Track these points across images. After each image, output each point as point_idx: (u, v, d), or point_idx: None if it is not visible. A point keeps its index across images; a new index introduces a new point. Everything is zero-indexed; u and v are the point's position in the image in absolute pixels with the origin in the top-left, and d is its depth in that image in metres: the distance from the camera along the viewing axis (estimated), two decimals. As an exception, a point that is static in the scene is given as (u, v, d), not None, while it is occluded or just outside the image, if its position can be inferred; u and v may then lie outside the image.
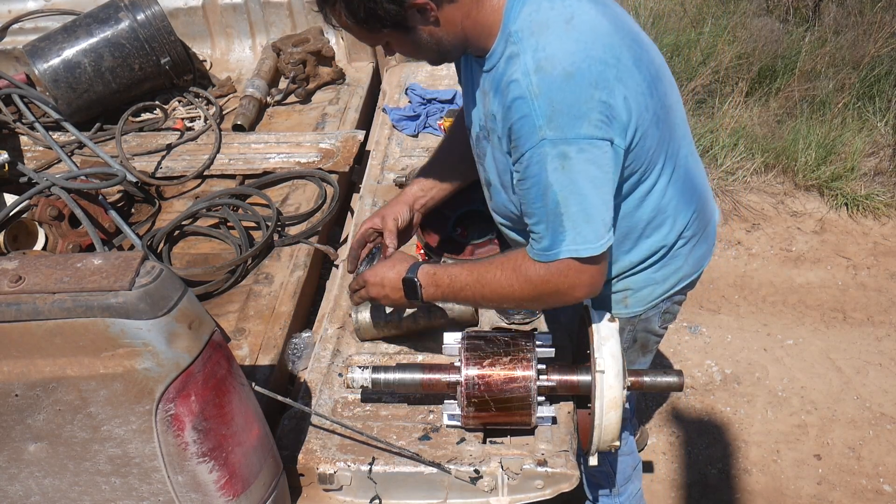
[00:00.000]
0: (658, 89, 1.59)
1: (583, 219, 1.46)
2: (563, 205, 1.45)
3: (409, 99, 2.85)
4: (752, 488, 2.96)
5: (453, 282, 1.64)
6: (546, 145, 1.42)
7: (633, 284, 1.83)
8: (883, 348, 3.48)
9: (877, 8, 5.19)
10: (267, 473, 1.52)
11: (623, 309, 1.87)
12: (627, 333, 1.92)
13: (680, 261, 1.84)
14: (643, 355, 2.05)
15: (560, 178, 1.44)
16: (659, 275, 1.83)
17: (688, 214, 1.78)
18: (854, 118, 4.61)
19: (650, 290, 1.85)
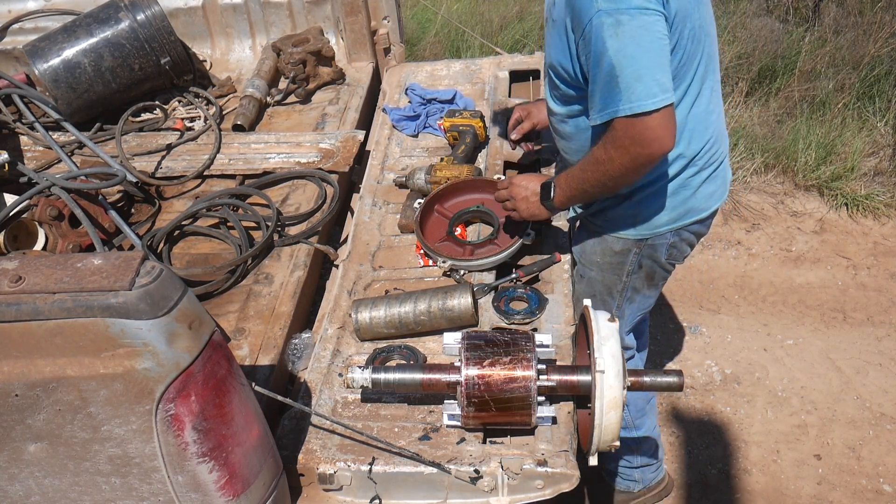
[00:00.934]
0: (701, 10, 1.81)
1: (634, 79, 1.64)
2: (618, 67, 1.64)
3: (408, 99, 2.85)
4: (752, 488, 2.96)
5: (568, 176, 1.88)
6: (602, 15, 1.64)
7: (644, 206, 1.98)
8: (883, 348, 3.48)
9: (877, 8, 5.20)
10: (267, 473, 1.52)
11: (632, 230, 2.01)
12: (633, 256, 2.06)
13: (689, 191, 1.97)
14: (648, 287, 2.16)
15: (614, 43, 1.64)
16: (669, 201, 1.97)
17: (702, 141, 1.93)
18: (854, 118, 4.61)
19: (658, 216, 1.98)
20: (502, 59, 3.10)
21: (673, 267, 2.15)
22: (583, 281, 2.19)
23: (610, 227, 2.03)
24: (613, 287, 2.14)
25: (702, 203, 2.01)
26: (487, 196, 2.28)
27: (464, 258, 2.09)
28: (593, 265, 2.13)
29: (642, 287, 2.15)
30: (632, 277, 2.11)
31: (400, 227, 2.29)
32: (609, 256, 2.08)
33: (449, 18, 5.43)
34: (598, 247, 2.09)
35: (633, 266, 2.08)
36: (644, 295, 2.18)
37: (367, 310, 1.91)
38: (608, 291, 2.16)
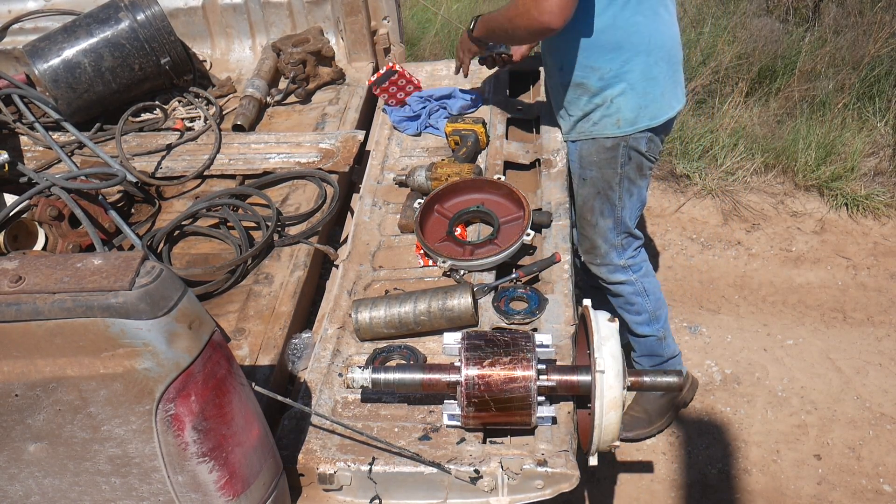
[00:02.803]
0: None
1: None
2: None
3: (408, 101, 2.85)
4: (752, 488, 2.96)
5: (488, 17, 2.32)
6: None
7: (620, 110, 2.34)
8: (883, 348, 3.48)
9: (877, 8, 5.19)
10: (267, 473, 1.52)
11: (616, 129, 2.37)
12: (622, 150, 2.41)
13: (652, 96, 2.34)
14: (640, 177, 2.51)
15: None
16: (638, 105, 2.34)
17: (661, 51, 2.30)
18: (854, 118, 4.61)
19: (633, 117, 2.35)
20: (502, 59, 3.09)
21: (655, 160, 2.52)
22: (585, 184, 2.52)
23: (599, 131, 2.40)
24: (612, 179, 2.47)
25: (668, 106, 2.40)
26: (487, 196, 2.28)
27: (464, 258, 2.09)
28: (592, 165, 2.47)
29: (635, 177, 2.49)
30: (625, 169, 2.45)
31: (400, 227, 2.29)
32: (603, 153, 2.43)
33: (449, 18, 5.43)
34: (592, 148, 2.44)
35: (623, 158, 2.43)
36: (638, 186, 2.52)
37: (367, 310, 1.91)
38: (608, 185, 2.48)
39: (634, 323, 2.84)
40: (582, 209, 2.60)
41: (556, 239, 2.20)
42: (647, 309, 2.79)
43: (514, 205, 2.22)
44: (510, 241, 2.10)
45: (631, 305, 2.79)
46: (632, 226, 2.63)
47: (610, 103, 2.33)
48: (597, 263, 2.71)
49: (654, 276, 2.84)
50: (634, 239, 2.69)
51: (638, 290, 2.74)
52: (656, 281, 2.82)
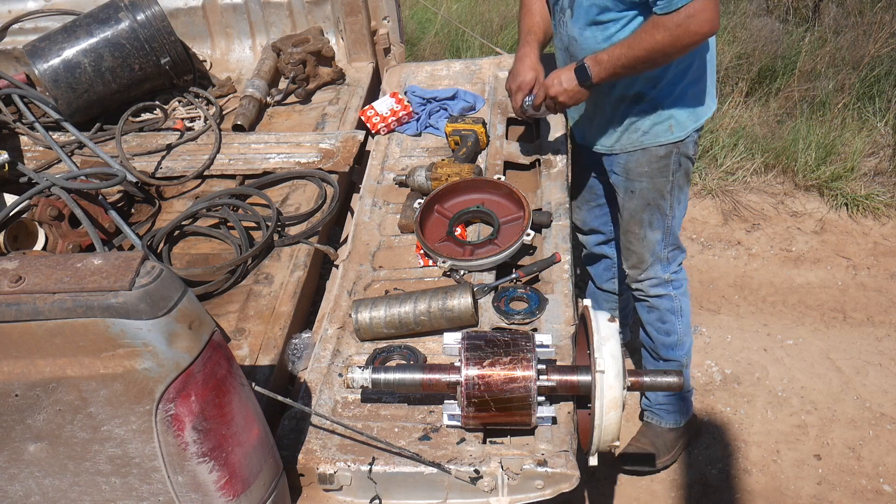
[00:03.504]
0: None
1: None
2: None
3: (408, 101, 2.85)
4: (752, 488, 2.96)
5: (611, 56, 2.13)
6: None
7: (678, 113, 2.32)
8: (883, 348, 3.48)
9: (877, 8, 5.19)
10: (267, 473, 1.52)
11: (670, 135, 2.35)
12: (674, 157, 2.39)
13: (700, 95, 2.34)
14: (686, 183, 2.49)
15: None
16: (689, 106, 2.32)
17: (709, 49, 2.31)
18: (854, 118, 4.61)
19: (685, 119, 2.34)
20: (502, 59, 3.10)
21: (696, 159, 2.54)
22: (633, 196, 2.48)
23: (650, 139, 2.36)
24: (664, 189, 2.45)
25: (708, 105, 2.40)
26: (487, 196, 2.28)
27: (464, 258, 2.09)
28: (642, 176, 2.43)
29: (683, 184, 2.48)
30: (676, 176, 2.43)
31: (400, 227, 2.29)
32: (656, 162, 2.40)
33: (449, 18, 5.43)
34: (643, 158, 2.40)
35: (675, 166, 2.41)
36: (685, 192, 2.51)
37: (367, 310, 1.91)
38: (660, 195, 2.46)
39: (662, 344, 2.77)
40: (629, 223, 2.55)
41: (556, 239, 2.20)
42: (678, 331, 2.73)
43: (514, 205, 2.22)
44: (510, 241, 2.10)
45: (663, 324, 2.73)
46: (678, 235, 2.60)
47: (662, 110, 2.31)
48: (641, 278, 2.66)
49: (688, 294, 2.77)
50: (680, 252, 2.66)
51: (674, 308, 2.69)
52: (689, 301, 2.76)
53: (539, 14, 2.45)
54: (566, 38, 2.31)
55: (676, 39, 2.04)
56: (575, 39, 2.27)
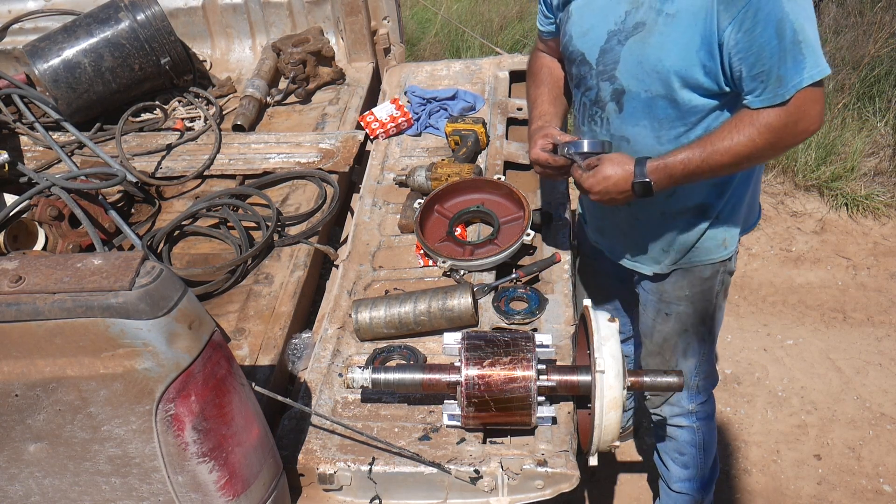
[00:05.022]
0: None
1: (815, 42, 1.56)
2: (801, 32, 1.54)
3: (408, 100, 2.85)
4: (752, 488, 2.96)
5: (688, 165, 1.67)
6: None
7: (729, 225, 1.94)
8: (883, 348, 3.48)
9: (877, 8, 5.19)
10: (267, 473, 1.52)
11: (723, 251, 1.97)
12: (719, 276, 2.01)
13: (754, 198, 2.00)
14: (724, 299, 2.12)
15: (793, 7, 1.53)
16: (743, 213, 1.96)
17: None
18: (854, 118, 4.61)
19: (736, 231, 1.97)
20: (502, 59, 3.10)
21: None
22: (668, 320, 2.09)
23: (699, 257, 1.97)
24: (706, 313, 2.07)
25: (758, 207, 2.07)
26: (487, 196, 2.28)
27: (464, 258, 2.09)
28: (681, 300, 2.05)
29: (723, 302, 2.12)
30: (718, 297, 2.07)
31: (400, 227, 2.29)
32: (699, 285, 2.02)
33: (449, 18, 5.43)
34: (683, 280, 2.01)
35: (719, 286, 2.05)
36: (723, 309, 2.14)
37: (367, 310, 1.91)
38: (701, 320, 2.08)
39: (675, 476, 2.42)
40: (661, 347, 2.18)
41: (556, 239, 2.20)
42: (697, 465, 2.38)
43: (514, 205, 2.22)
44: (510, 241, 2.10)
45: (680, 455, 2.38)
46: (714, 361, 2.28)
47: (722, 223, 1.91)
48: (661, 405, 2.32)
49: (715, 427, 2.41)
50: (712, 382, 2.31)
51: (695, 442, 2.34)
52: (716, 436, 2.42)
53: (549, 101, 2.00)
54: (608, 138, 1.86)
55: (779, 140, 1.62)
56: (626, 140, 1.82)
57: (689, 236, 1.94)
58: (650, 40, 1.67)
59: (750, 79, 1.59)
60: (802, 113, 1.59)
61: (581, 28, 1.80)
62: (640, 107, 1.76)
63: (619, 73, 1.74)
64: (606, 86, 1.79)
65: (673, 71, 1.66)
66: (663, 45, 1.65)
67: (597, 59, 1.78)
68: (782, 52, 1.55)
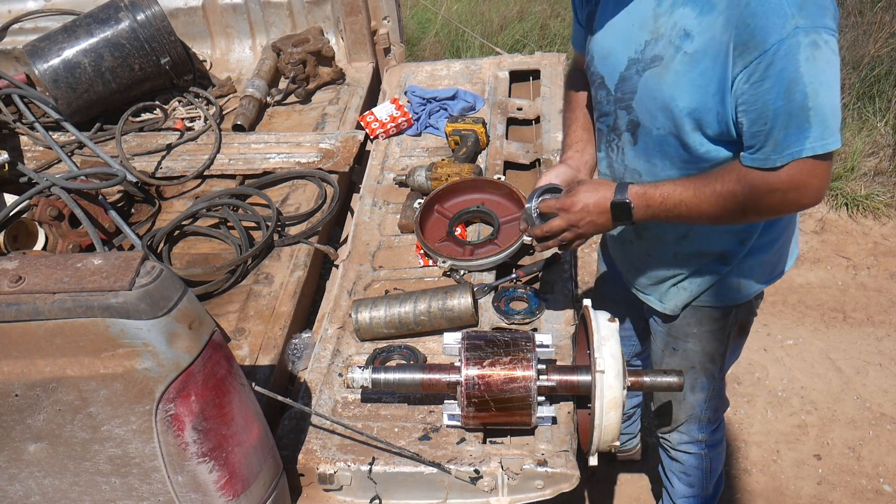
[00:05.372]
0: None
1: (829, 112, 1.41)
2: (812, 98, 1.40)
3: (408, 100, 2.85)
4: (752, 488, 2.96)
5: (666, 200, 1.58)
6: (799, 34, 1.37)
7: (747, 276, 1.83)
8: (883, 348, 3.48)
9: (877, 8, 5.19)
10: (267, 473, 1.52)
11: (736, 295, 1.86)
12: (733, 317, 1.91)
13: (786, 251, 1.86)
14: (743, 336, 2.03)
15: (811, 68, 1.38)
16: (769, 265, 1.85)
17: None
18: (854, 118, 4.61)
19: (758, 280, 1.86)
20: (502, 59, 3.10)
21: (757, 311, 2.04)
22: (676, 354, 2.02)
23: (708, 299, 1.87)
24: (716, 352, 1.99)
25: (792, 252, 1.91)
26: (487, 196, 2.28)
27: (464, 258, 2.09)
28: (689, 337, 1.96)
29: (739, 339, 2.03)
30: (731, 337, 1.97)
31: (400, 227, 2.29)
32: (708, 325, 1.93)
33: (449, 18, 5.43)
34: (692, 318, 1.92)
35: (732, 327, 1.95)
36: (738, 345, 2.05)
37: (367, 310, 1.91)
38: (710, 359, 2.00)
39: (679, 493, 2.40)
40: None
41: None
42: (702, 485, 2.35)
43: (514, 205, 2.22)
44: (510, 241, 2.10)
45: (685, 476, 2.35)
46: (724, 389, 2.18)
47: (735, 268, 1.81)
48: (667, 431, 2.24)
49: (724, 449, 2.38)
50: (722, 412, 2.25)
51: (702, 466, 2.30)
52: (723, 455, 2.39)
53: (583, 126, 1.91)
54: (621, 168, 1.77)
55: (764, 207, 1.51)
56: (639, 174, 1.73)
57: (702, 280, 1.85)
58: (666, 77, 1.56)
59: (750, 135, 1.48)
60: (795, 184, 1.46)
61: (603, 50, 1.70)
62: (653, 143, 1.66)
63: (635, 105, 1.65)
64: (623, 115, 1.70)
65: (686, 112, 1.56)
66: (678, 84, 1.54)
67: (615, 86, 1.69)
68: (787, 115, 1.41)
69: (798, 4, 1.38)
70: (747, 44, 1.42)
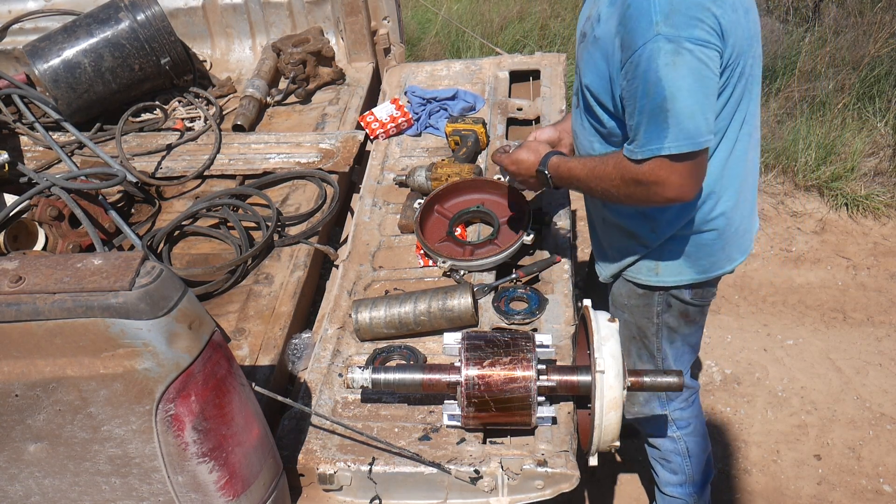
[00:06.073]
0: (753, 48, 1.68)
1: (687, 115, 1.52)
2: (670, 100, 1.51)
3: (408, 100, 2.85)
4: (752, 488, 2.95)
5: (571, 173, 1.80)
6: (660, 40, 1.49)
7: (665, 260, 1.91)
8: (883, 348, 3.48)
9: (877, 8, 5.19)
10: (267, 473, 1.52)
11: (654, 278, 1.95)
12: (658, 297, 1.98)
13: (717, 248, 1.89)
14: (686, 325, 2.05)
15: (670, 73, 1.50)
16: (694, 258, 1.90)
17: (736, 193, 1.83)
18: (854, 118, 4.61)
19: (681, 270, 1.92)
20: (502, 59, 3.10)
21: (707, 303, 2.04)
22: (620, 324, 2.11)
23: (632, 274, 1.97)
24: (647, 329, 2.05)
25: (728, 258, 1.93)
26: (487, 196, 2.28)
27: (464, 258, 2.09)
28: (623, 308, 2.06)
29: (679, 326, 2.04)
30: (663, 317, 2.01)
31: (400, 227, 2.29)
32: (634, 298, 2.02)
33: (449, 19, 5.43)
34: (623, 289, 2.03)
35: (661, 306, 2.00)
36: (683, 334, 2.06)
37: (367, 310, 1.91)
38: (643, 334, 2.07)
39: (665, 481, 2.40)
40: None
41: (555, 239, 2.20)
42: (686, 471, 2.34)
43: (514, 205, 2.22)
44: (510, 241, 2.10)
45: (667, 462, 2.34)
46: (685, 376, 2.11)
47: (654, 252, 1.91)
48: (633, 411, 2.26)
49: (705, 433, 2.37)
50: (690, 393, 2.26)
51: (679, 450, 2.30)
52: (705, 441, 2.37)
53: None
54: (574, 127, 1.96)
55: (633, 193, 1.66)
56: (576, 133, 1.94)
57: (626, 255, 1.96)
58: (583, 53, 1.77)
59: (628, 126, 1.63)
60: (657, 178, 1.58)
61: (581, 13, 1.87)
62: (583, 109, 1.84)
63: (579, 73, 1.83)
64: (577, 80, 1.88)
65: (589, 89, 1.74)
66: (587, 62, 1.73)
67: (576, 50, 1.88)
68: (649, 114, 1.54)
69: (665, 13, 1.49)
70: (624, 42, 1.56)
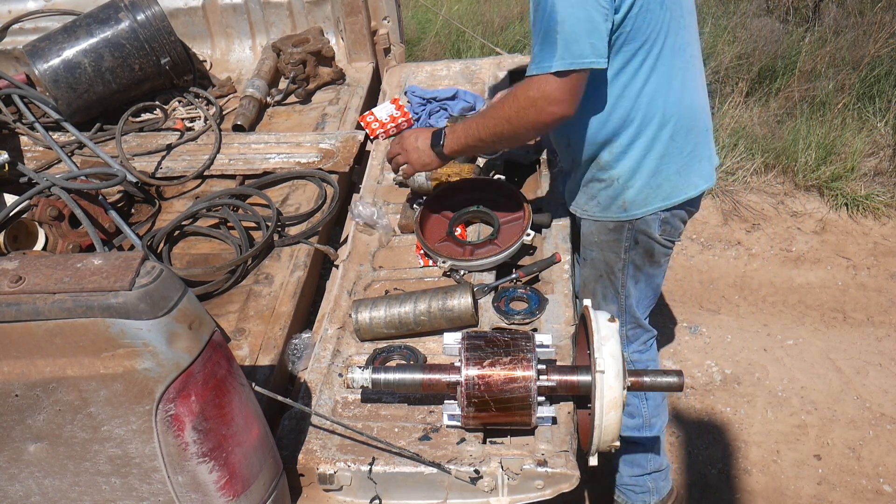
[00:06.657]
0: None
1: (575, 34, 1.69)
2: (560, 23, 1.69)
3: (408, 100, 2.85)
4: (752, 488, 2.96)
5: (467, 125, 1.96)
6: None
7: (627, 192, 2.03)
8: (883, 348, 3.48)
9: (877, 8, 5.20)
10: (267, 473, 1.52)
11: (622, 213, 2.07)
12: (627, 232, 2.10)
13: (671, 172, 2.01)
14: (650, 264, 2.19)
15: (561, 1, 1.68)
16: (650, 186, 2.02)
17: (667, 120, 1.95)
18: (854, 118, 4.61)
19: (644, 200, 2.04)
20: (502, 59, 3.10)
21: (672, 244, 2.18)
22: (586, 264, 2.25)
23: (603, 214, 2.10)
24: (614, 265, 2.18)
25: (687, 183, 2.05)
26: (487, 196, 2.28)
27: (464, 258, 2.09)
28: (593, 245, 2.19)
29: (643, 264, 2.18)
30: (630, 254, 2.15)
31: (400, 227, 2.29)
32: (604, 234, 2.14)
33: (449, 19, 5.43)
34: (593, 227, 2.16)
35: (629, 242, 2.13)
36: (647, 273, 2.20)
37: (367, 310, 1.91)
38: (610, 270, 2.20)
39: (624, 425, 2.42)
40: (582, 291, 2.32)
41: (556, 239, 2.20)
42: (643, 414, 2.46)
43: (514, 205, 2.22)
44: (510, 241, 2.10)
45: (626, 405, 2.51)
46: (641, 316, 2.32)
47: (616, 183, 2.03)
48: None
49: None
50: (644, 331, 2.37)
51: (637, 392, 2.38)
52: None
53: None
54: None
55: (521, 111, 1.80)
56: None
57: (587, 184, 2.09)
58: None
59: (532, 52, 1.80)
60: (542, 92, 1.75)
61: None
62: None
63: None
64: None
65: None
66: None
67: None
68: (544, 35, 1.72)
69: None
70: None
